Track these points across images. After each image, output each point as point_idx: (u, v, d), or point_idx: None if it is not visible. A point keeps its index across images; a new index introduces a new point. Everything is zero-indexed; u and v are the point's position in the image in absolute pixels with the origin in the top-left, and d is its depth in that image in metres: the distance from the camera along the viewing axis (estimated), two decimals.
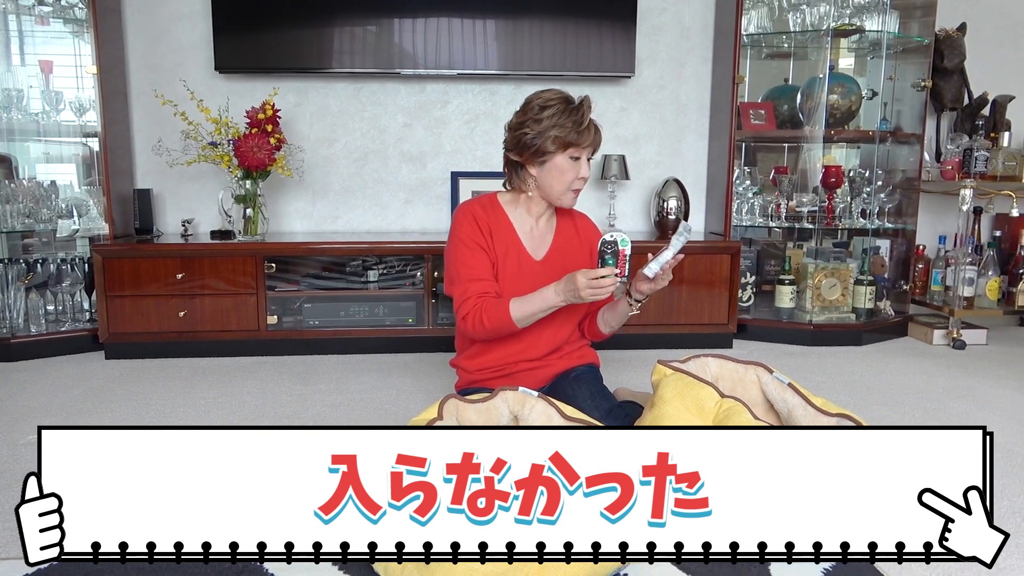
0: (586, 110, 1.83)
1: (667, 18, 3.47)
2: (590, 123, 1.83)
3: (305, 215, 3.46)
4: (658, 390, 1.67)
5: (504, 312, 1.79)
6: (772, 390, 1.74)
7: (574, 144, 1.82)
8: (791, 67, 3.58)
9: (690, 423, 1.58)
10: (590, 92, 3.50)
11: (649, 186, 3.56)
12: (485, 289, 1.85)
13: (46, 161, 3.20)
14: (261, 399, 2.44)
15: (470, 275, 1.85)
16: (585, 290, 1.70)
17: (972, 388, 2.61)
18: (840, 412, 1.60)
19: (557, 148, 1.82)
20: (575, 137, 1.81)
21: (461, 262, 1.87)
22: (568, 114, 1.81)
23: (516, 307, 1.80)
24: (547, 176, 1.86)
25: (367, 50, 3.23)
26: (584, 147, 1.84)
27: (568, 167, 1.84)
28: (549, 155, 1.83)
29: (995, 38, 3.66)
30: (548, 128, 1.80)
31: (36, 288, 3.04)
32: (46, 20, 3.06)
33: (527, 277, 1.91)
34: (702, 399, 1.60)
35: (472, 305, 1.82)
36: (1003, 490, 1.77)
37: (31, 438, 2.07)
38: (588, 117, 1.83)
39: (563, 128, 1.80)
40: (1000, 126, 3.45)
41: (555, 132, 1.80)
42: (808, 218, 3.29)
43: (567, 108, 1.82)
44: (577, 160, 1.85)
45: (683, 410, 1.59)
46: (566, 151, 1.83)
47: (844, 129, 3.36)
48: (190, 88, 3.11)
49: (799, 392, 1.68)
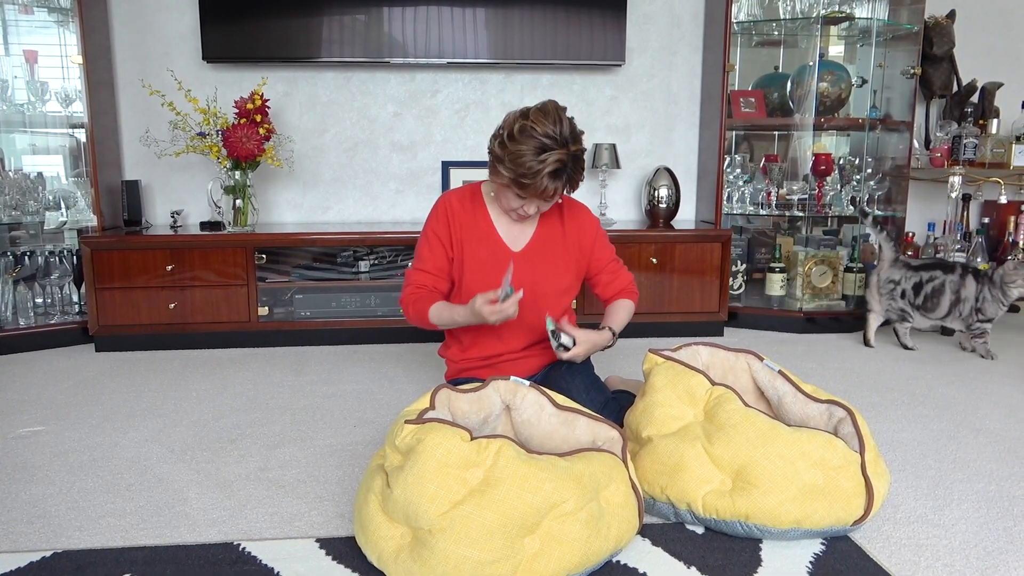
0: (548, 164, 1.70)
1: (657, 6, 3.46)
2: (545, 180, 1.72)
3: (295, 206, 3.44)
4: (649, 379, 1.68)
5: (424, 310, 1.90)
6: (763, 378, 1.75)
7: (518, 188, 1.76)
8: (781, 55, 3.57)
9: (681, 411, 1.59)
10: (580, 80, 3.53)
11: (640, 175, 3.56)
12: (423, 282, 1.95)
13: (32, 152, 3.16)
14: (253, 390, 2.43)
15: (419, 266, 1.97)
16: (491, 316, 1.74)
17: (960, 374, 2.63)
18: (829, 399, 1.62)
19: (503, 182, 1.79)
20: (518, 181, 1.74)
21: (418, 253, 1.99)
22: (532, 155, 1.70)
23: (435, 311, 1.89)
24: (497, 189, 1.87)
25: (356, 39, 3.21)
26: (529, 197, 1.78)
27: (510, 196, 1.82)
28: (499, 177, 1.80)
29: (984, 25, 3.66)
30: (506, 156, 1.74)
31: (24, 281, 3.02)
32: (30, 9, 3.02)
33: (504, 268, 1.91)
34: (693, 387, 1.61)
35: (407, 294, 1.95)
36: (991, 475, 1.78)
37: (22, 431, 2.06)
38: (545, 176, 1.71)
39: (517, 165, 1.72)
40: (989, 113, 3.47)
41: (508, 164, 1.73)
42: (798, 206, 3.30)
43: (537, 149, 1.70)
44: (523, 198, 1.80)
45: (674, 398, 1.60)
46: (510, 188, 1.79)
47: (834, 117, 3.36)
48: (177, 78, 3.09)
49: (789, 379, 1.69)
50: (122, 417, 2.18)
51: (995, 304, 2.74)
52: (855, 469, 1.46)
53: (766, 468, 1.43)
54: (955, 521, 1.55)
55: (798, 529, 1.42)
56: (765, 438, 1.46)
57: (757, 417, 1.51)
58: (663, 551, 1.42)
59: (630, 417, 1.68)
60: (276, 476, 1.77)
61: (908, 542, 1.46)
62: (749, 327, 3.27)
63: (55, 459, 1.87)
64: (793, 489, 1.42)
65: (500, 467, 1.29)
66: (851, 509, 1.44)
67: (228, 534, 1.50)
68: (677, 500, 1.48)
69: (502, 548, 1.24)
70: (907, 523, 1.54)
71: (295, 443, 1.98)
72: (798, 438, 1.46)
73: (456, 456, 1.30)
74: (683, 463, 1.48)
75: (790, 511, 1.41)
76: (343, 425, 2.12)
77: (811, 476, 1.43)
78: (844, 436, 1.53)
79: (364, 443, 1.98)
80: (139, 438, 2.02)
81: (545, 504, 1.28)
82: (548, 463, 1.33)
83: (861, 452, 1.49)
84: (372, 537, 1.34)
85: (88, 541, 1.47)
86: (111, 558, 1.39)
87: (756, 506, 1.41)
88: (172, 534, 1.50)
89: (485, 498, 1.26)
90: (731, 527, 1.45)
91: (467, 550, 1.23)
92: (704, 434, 1.51)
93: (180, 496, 1.67)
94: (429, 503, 1.26)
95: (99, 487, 1.71)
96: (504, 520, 1.25)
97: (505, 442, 1.33)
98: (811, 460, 1.44)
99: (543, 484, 1.28)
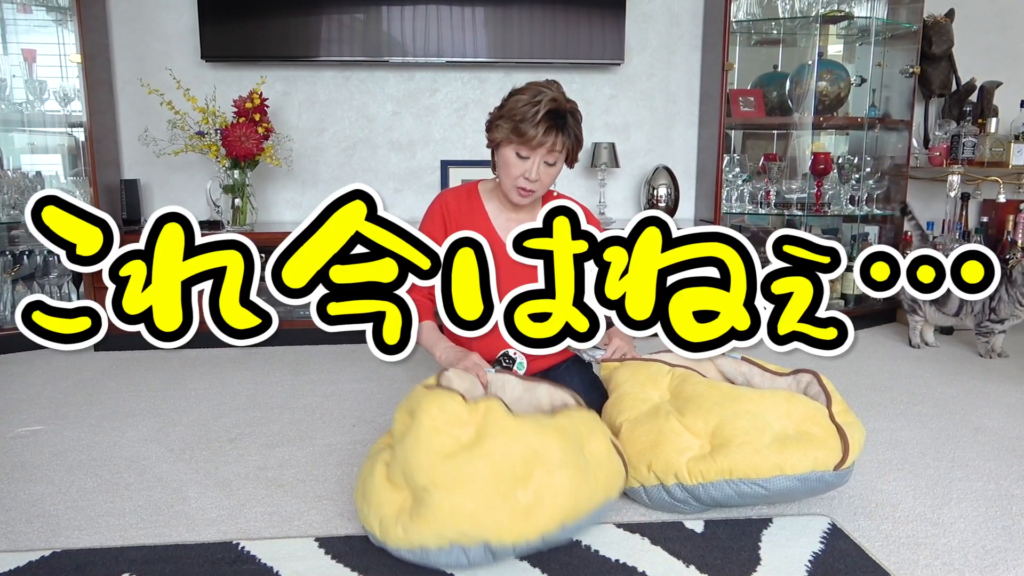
0: (542, 107, 1.72)
1: (656, 5, 3.46)
2: (543, 122, 1.73)
3: (294, 205, 3.44)
4: (612, 379, 1.78)
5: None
6: (727, 367, 1.84)
7: (518, 140, 1.75)
8: (780, 54, 3.57)
9: (648, 395, 1.67)
10: (579, 80, 3.52)
11: (639, 174, 3.56)
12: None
13: (31, 152, 3.16)
14: (252, 389, 2.43)
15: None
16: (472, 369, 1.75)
17: (959, 373, 2.63)
18: (794, 371, 1.73)
19: (503, 138, 1.78)
20: (519, 133, 1.74)
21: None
22: (526, 105, 1.74)
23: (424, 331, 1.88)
24: (498, 166, 1.86)
25: (355, 38, 3.20)
26: (531, 147, 1.77)
27: (514, 162, 1.79)
28: (500, 144, 1.81)
29: (983, 24, 3.66)
30: (504, 111, 1.78)
31: (23, 280, 3.02)
32: (28, 8, 3.02)
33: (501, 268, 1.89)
34: (653, 373, 1.72)
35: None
36: (990, 473, 1.79)
37: (21, 430, 2.06)
38: (542, 114, 1.72)
39: (512, 120, 1.74)
40: (988, 112, 3.46)
41: (504, 121, 1.76)
42: (797, 205, 3.30)
43: (529, 100, 1.74)
44: (525, 159, 1.79)
45: (638, 386, 1.69)
46: (511, 144, 1.78)
47: (833, 116, 3.36)
48: (176, 77, 3.08)
49: (753, 363, 1.79)
50: (121, 416, 2.18)
51: (1011, 304, 2.64)
52: (823, 418, 1.54)
53: (738, 425, 1.50)
54: (954, 520, 1.55)
55: (782, 477, 1.45)
56: (732, 399, 1.56)
57: (721, 385, 1.64)
58: (662, 550, 1.42)
59: (604, 416, 1.72)
60: (275, 475, 1.77)
61: (907, 540, 1.47)
62: None
63: (54, 458, 1.87)
64: (767, 438, 1.48)
65: (489, 423, 1.37)
66: (828, 453, 1.49)
67: (227, 533, 1.50)
68: (663, 474, 1.52)
69: (495, 499, 1.29)
70: (906, 521, 1.54)
71: (294, 442, 1.98)
72: (762, 395, 1.58)
73: (450, 415, 1.38)
74: (662, 436, 1.54)
75: (767, 457, 1.46)
76: (342, 424, 2.12)
77: (782, 426, 1.51)
78: (813, 396, 1.63)
79: (363, 442, 1.97)
80: (138, 437, 2.02)
81: (530, 453, 1.34)
82: (533, 419, 1.43)
83: (828, 405, 1.57)
84: (375, 504, 1.38)
85: (87, 540, 1.47)
86: (110, 557, 1.39)
87: (735, 459, 1.46)
88: (171, 533, 1.50)
89: (475, 450, 1.33)
90: (719, 489, 1.47)
91: (461, 501, 1.28)
92: (675, 408, 1.59)
93: (179, 495, 1.67)
94: (424, 456, 1.33)
95: (98, 486, 1.71)
96: (494, 469, 1.30)
97: (495, 401, 1.42)
98: (779, 412, 1.53)
99: (528, 435, 1.36)
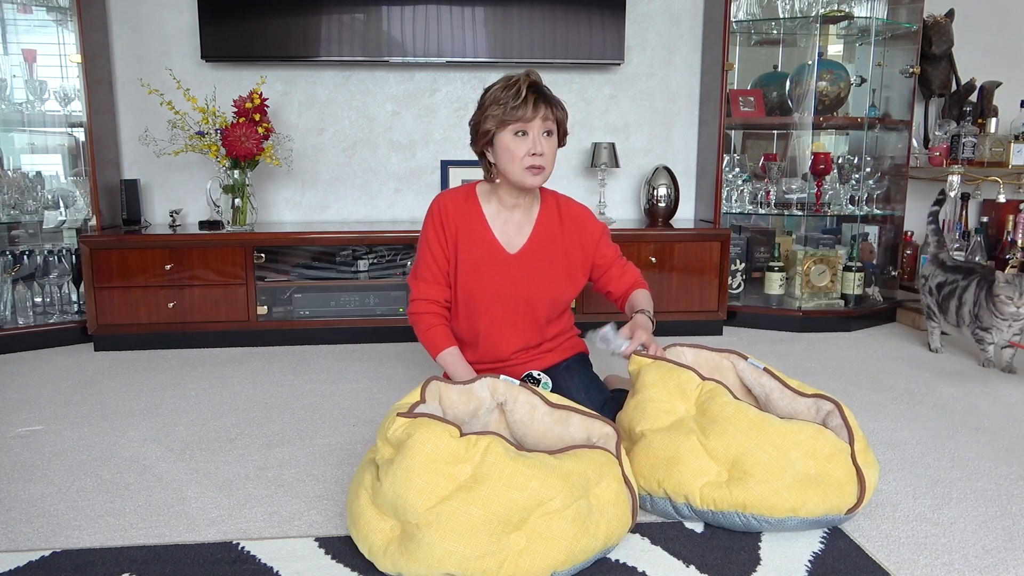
0: (523, 83, 1.78)
1: (656, 5, 3.46)
2: (529, 96, 1.78)
3: (294, 205, 3.44)
4: (639, 377, 1.70)
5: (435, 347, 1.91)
6: (748, 375, 1.78)
7: (513, 120, 1.78)
8: (780, 54, 3.57)
9: (673, 406, 1.61)
10: (579, 80, 3.53)
11: (639, 174, 3.56)
12: (435, 296, 1.93)
13: (31, 152, 3.16)
14: (252, 389, 2.43)
15: (424, 275, 1.94)
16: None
17: (960, 373, 2.64)
18: (816, 393, 1.65)
19: (497, 126, 1.80)
20: (511, 112, 1.77)
21: (421, 261, 1.96)
22: (504, 90, 1.79)
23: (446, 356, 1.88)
24: (501, 158, 1.84)
25: (355, 38, 3.20)
26: (527, 121, 1.79)
27: (515, 144, 1.80)
28: (494, 135, 1.82)
29: (982, 24, 3.66)
30: (486, 103, 1.81)
31: (23, 280, 3.02)
32: (29, 8, 3.02)
33: (499, 271, 1.90)
34: (683, 382, 1.63)
35: (420, 308, 1.93)
36: (990, 473, 1.79)
37: (21, 430, 2.06)
38: (525, 90, 1.78)
39: (499, 106, 1.78)
40: (987, 112, 3.46)
41: (491, 111, 1.79)
42: (797, 205, 3.30)
43: (505, 86, 1.80)
44: (524, 136, 1.80)
45: (665, 394, 1.62)
46: (506, 128, 1.80)
47: (833, 116, 3.36)
48: (176, 77, 3.09)
49: (775, 376, 1.72)
50: (121, 416, 2.18)
51: (989, 315, 2.61)
52: (845, 458, 1.49)
53: (760, 458, 1.44)
54: (954, 519, 1.55)
55: (794, 518, 1.43)
56: (758, 429, 1.48)
57: (749, 409, 1.53)
58: (662, 550, 1.42)
59: (622, 416, 1.69)
60: (275, 475, 1.77)
61: (907, 540, 1.47)
62: (748, 326, 3.27)
63: (54, 458, 1.87)
64: (788, 478, 1.44)
65: (488, 464, 1.30)
66: (844, 497, 1.45)
67: (227, 533, 1.50)
68: (674, 493, 1.49)
69: (487, 543, 1.25)
70: (906, 521, 1.54)
71: (294, 442, 1.98)
72: (790, 428, 1.49)
73: (444, 452, 1.31)
74: (679, 456, 1.49)
75: (786, 499, 1.42)
76: (342, 424, 2.12)
77: (804, 465, 1.46)
78: (833, 428, 1.56)
79: (363, 442, 1.97)
80: (138, 437, 2.02)
81: (531, 501, 1.28)
82: (536, 461, 1.33)
83: (851, 442, 1.52)
84: (363, 530, 1.36)
85: (87, 540, 1.47)
86: (110, 557, 1.39)
87: (752, 496, 1.43)
88: (171, 533, 1.50)
89: (471, 494, 1.27)
90: (728, 518, 1.46)
91: (453, 544, 1.24)
92: (698, 427, 1.53)
93: (179, 495, 1.67)
94: (416, 497, 1.28)
95: (98, 486, 1.71)
96: (489, 516, 1.26)
97: (494, 439, 1.34)
98: (803, 450, 1.47)
99: (529, 482, 1.29)
